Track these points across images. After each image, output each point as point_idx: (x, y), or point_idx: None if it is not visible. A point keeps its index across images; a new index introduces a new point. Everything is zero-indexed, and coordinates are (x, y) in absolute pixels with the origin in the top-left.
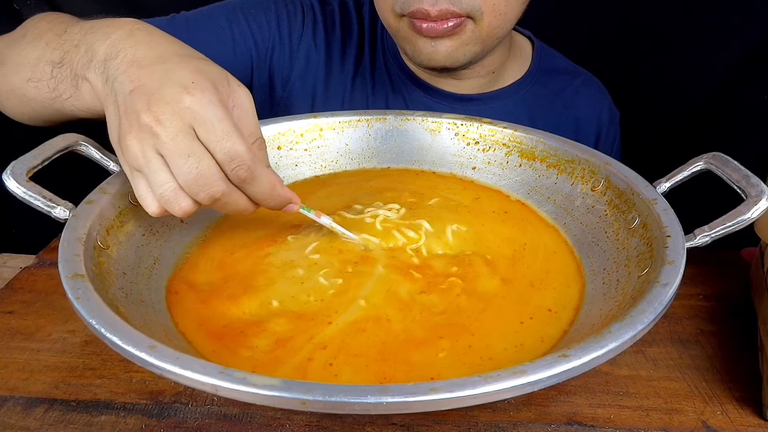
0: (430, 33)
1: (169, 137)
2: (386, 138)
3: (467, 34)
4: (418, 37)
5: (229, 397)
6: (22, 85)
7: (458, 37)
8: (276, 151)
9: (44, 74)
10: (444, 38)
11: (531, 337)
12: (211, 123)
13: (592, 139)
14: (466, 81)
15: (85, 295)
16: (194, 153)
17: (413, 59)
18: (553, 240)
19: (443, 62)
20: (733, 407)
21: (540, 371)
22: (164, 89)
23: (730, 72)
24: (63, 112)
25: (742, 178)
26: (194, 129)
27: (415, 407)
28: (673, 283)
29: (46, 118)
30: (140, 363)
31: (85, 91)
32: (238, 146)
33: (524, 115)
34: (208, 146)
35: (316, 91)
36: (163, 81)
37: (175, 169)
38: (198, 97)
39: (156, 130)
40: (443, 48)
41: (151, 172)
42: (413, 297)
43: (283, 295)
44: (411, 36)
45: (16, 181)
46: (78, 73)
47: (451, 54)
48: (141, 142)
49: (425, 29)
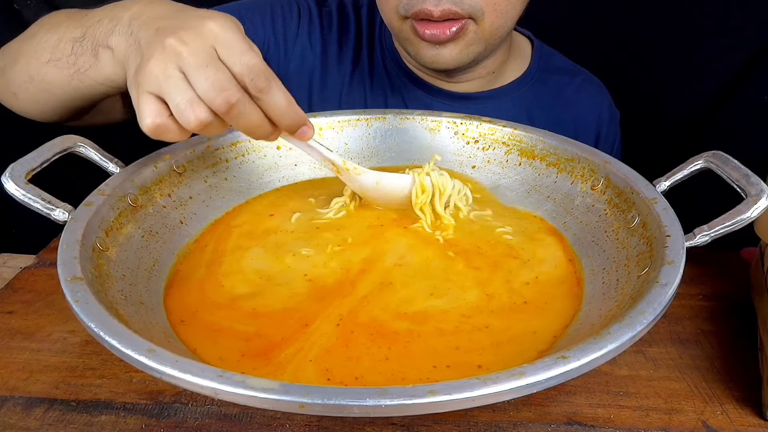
0: (433, 40)
1: (191, 53)
2: (385, 137)
3: (470, 35)
4: (421, 43)
5: (229, 400)
6: (41, 68)
7: (461, 40)
8: (275, 150)
9: (64, 52)
10: (448, 44)
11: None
12: (231, 41)
13: (592, 139)
14: (466, 80)
15: (84, 298)
16: (212, 63)
17: (416, 61)
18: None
19: (447, 66)
20: (733, 407)
21: (539, 373)
22: (188, 21)
23: (730, 72)
24: (80, 90)
25: (742, 177)
26: (215, 48)
27: (413, 410)
28: (672, 283)
29: (61, 104)
30: (139, 366)
31: (105, 59)
32: (257, 60)
33: (523, 113)
34: (227, 62)
35: (312, 90)
36: (186, 18)
37: (192, 78)
38: (219, 22)
39: (179, 49)
40: (447, 53)
41: (170, 87)
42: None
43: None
44: (414, 40)
45: (15, 183)
46: (99, 42)
47: (456, 58)
48: (164, 62)
49: (428, 36)
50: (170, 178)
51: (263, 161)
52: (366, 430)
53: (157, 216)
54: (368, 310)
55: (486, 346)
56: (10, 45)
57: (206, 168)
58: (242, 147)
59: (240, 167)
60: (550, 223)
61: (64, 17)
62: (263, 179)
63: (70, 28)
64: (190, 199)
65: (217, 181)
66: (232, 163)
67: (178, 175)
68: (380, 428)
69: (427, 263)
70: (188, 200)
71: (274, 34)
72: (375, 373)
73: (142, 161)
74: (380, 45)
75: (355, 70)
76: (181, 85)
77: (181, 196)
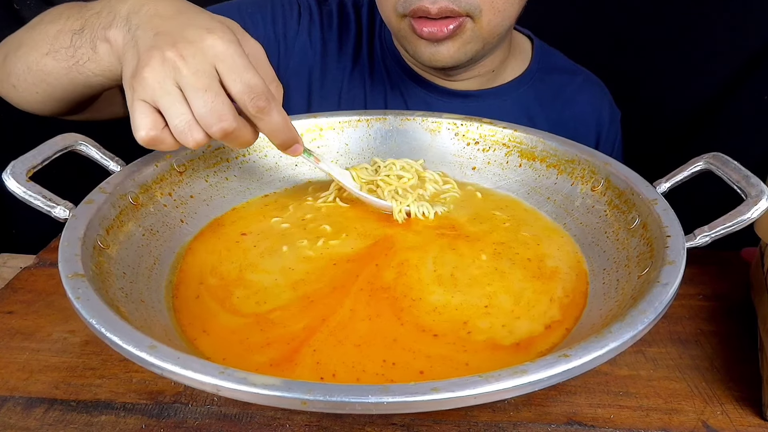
0: (431, 38)
1: (191, 72)
2: (386, 138)
3: (467, 33)
4: (420, 40)
5: (231, 397)
6: (40, 59)
7: (459, 38)
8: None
9: (63, 43)
10: (445, 41)
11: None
12: (232, 58)
13: (592, 138)
14: (466, 78)
15: (85, 294)
16: (212, 88)
17: (415, 59)
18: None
19: (445, 63)
20: (733, 407)
21: (541, 371)
22: (187, 31)
23: (731, 72)
24: (77, 82)
25: (742, 179)
26: (215, 66)
27: (416, 407)
28: (673, 283)
29: (60, 96)
30: (141, 363)
31: (103, 51)
32: (257, 79)
33: (523, 112)
34: (227, 79)
35: (312, 87)
36: (185, 25)
37: (192, 101)
38: (219, 36)
39: (178, 65)
40: (445, 50)
41: (169, 103)
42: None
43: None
44: (412, 38)
45: (16, 180)
46: (98, 35)
47: (453, 56)
48: (162, 75)
49: (426, 34)
50: (171, 176)
51: (264, 161)
52: (366, 430)
53: (157, 215)
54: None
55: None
56: (12, 36)
57: (207, 167)
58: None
59: (241, 167)
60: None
61: (65, 9)
62: (264, 179)
63: (70, 20)
64: (191, 198)
65: (217, 181)
66: (232, 162)
67: (179, 174)
68: (380, 428)
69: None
70: (189, 199)
71: (275, 31)
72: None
73: (142, 160)
74: (380, 43)
75: (354, 68)
76: (179, 106)
77: (182, 195)
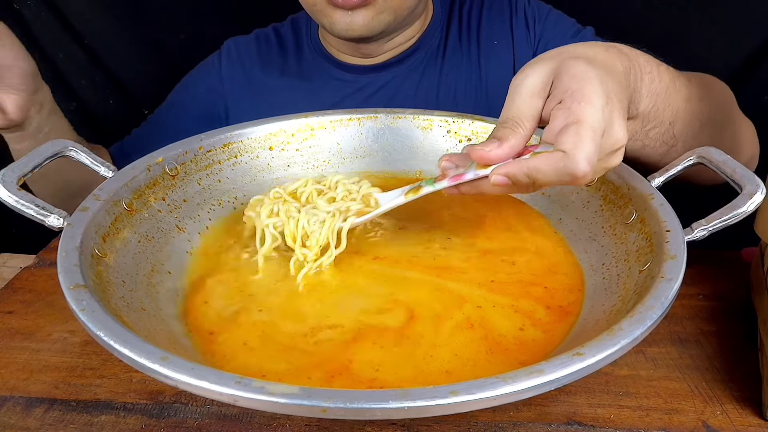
0: (345, 5)
1: None
2: (378, 136)
3: (379, 3)
4: (335, 10)
5: (248, 407)
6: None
7: (372, 7)
8: (268, 151)
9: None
10: (360, 9)
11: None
12: None
13: (509, 59)
14: (381, 54)
15: (90, 306)
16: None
17: (331, 31)
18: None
19: (360, 32)
20: (733, 407)
21: (557, 370)
22: None
23: (731, 71)
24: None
25: (734, 172)
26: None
27: (436, 411)
28: (676, 278)
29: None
30: (153, 375)
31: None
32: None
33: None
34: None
35: (259, 104)
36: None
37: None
38: None
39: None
40: (360, 19)
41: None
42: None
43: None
44: (327, 9)
45: (7, 189)
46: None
47: (367, 24)
48: None
49: (340, 2)
50: (164, 181)
51: (256, 162)
52: (366, 429)
53: (152, 220)
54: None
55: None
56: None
57: (199, 170)
58: (234, 148)
59: (233, 168)
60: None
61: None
62: (256, 180)
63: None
64: (184, 202)
65: (210, 183)
66: (224, 164)
67: (171, 178)
68: (380, 428)
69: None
70: (182, 203)
71: (221, 80)
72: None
73: (134, 165)
74: (308, 43)
75: (286, 72)
76: None
77: (175, 199)
